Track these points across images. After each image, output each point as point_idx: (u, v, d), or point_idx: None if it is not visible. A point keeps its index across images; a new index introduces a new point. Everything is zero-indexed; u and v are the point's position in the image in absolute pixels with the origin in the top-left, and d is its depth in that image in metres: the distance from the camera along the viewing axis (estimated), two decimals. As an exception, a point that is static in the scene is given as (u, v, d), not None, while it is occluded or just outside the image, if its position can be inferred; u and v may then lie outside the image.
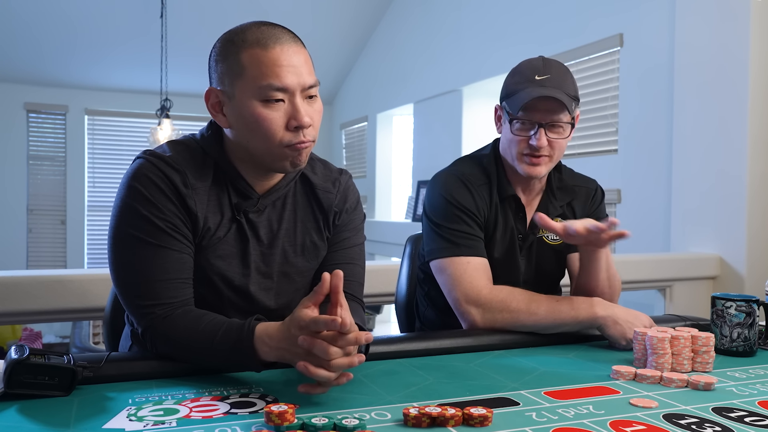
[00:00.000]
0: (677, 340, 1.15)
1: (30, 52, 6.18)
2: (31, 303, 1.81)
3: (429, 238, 1.50)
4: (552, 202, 1.55)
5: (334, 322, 0.87)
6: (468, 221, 1.46)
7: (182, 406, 0.91)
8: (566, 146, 1.49)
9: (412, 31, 5.91)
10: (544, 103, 1.40)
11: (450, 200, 1.47)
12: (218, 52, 1.10)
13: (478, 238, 1.46)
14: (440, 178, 1.53)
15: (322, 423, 0.81)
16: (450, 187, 1.49)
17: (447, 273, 1.44)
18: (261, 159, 1.10)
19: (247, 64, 1.05)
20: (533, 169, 1.45)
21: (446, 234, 1.45)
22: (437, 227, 1.47)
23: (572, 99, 1.43)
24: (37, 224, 6.90)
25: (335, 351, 0.89)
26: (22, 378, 0.90)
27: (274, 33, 1.07)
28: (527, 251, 1.54)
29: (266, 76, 1.04)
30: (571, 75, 1.48)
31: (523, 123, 1.43)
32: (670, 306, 2.85)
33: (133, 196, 1.07)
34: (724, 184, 2.84)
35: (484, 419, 0.85)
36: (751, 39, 2.72)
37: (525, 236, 1.53)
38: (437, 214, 1.48)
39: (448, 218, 1.46)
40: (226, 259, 1.14)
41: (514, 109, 1.43)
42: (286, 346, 0.93)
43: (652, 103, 3.34)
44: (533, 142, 1.42)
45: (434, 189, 1.52)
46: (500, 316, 1.38)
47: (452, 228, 1.45)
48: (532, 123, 1.42)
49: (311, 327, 0.89)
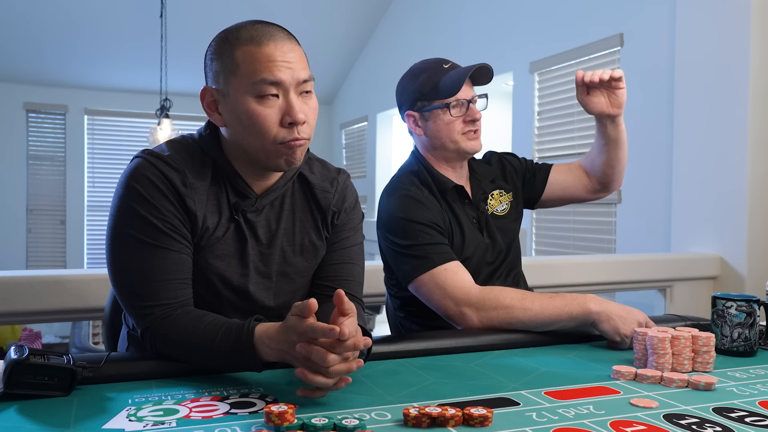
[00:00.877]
0: (678, 340, 1.15)
1: (30, 51, 6.18)
2: (31, 303, 1.81)
3: (399, 264, 1.51)
4: (482, 180, 1.67)
5: (332, 331, 0.86)
6: (430, 232, 1.48)
7: (182, 406, 0.91)
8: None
9: (412, 32, 5.91)
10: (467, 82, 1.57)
11: (407, 219, 1.49)
12: (213, 50, 1.10)
13: (444, 244, 1.49)
14: (390, 204, 1.54)
15: (322, 423, 0.81)
16: (403, 208, 1.51)
17: (429, 287, 1.45)
18: (256, 157, 1.10)
19: (241, 60, 1.05)
20: (477, 143, 1.58)
21: (415, 251, 1.47)
22: (404, 249, 1.48)
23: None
24: (37, 224, 6.90)
25: (333, 358, 0.88)
26: (21, 378, 0.90)
27: (268, 30, 1.07)
28: (487, 230, 1.62)
29: (260, 72, 1.04)
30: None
31: (459, 105, 1.55)
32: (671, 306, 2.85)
33: (132, 195, 1.07)
34: (725, 183, 2.83)
35: (485, 419, 0.84)
36: (752, 39, 2.71)
37: (478, 218, 1.61)
38: (400, 236, 1.49)
39: (412, 235, 1.48)
40: (224, 259, 1.14)
41: (446, 95, 1.54)
42: (286, 348, 0.93)
43: (652, 102, 3.34)
44: (473, 116, 1.56)
45: (389, 216, 1.53)
46: (495, 314, 1.38)
47: (418, 243, 1.47)
48: (461, 102, 1.55)
49: (308, 334, 0.89)
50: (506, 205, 1.67)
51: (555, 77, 4.08)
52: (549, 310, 1.36)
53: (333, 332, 0.86)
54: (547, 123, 4.14)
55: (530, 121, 4.27)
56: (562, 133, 4.00)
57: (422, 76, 1.59)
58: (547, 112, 4.13)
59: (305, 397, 0.92)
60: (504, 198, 1.68)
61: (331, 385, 0.91)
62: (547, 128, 4.14)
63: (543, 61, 4.14)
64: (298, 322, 0.90)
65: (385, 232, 1.54)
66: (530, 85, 4.29)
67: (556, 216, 4.01)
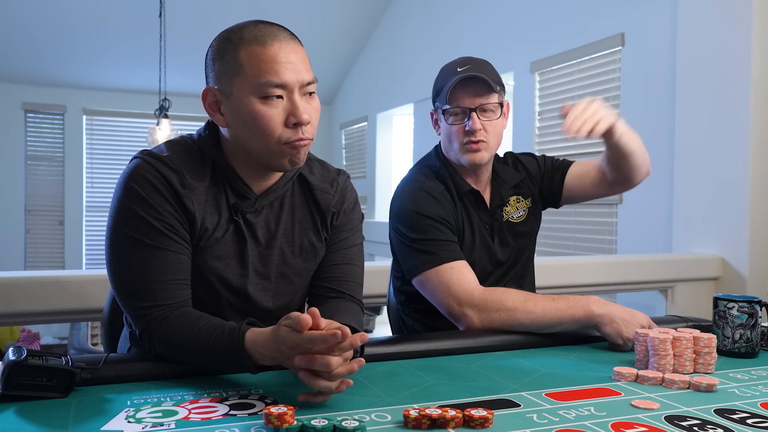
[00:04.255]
0: (679, 342, 1.15)
1: (28, 51, 6.18)
2: (29, 304, 1.80)
3: (406, 257, 1.50)
4: (502, 186, 1.61)
5: (334, 336, 0.86)
6: (441, 228, 1.47)
7: (181, 407, 0.90)
8: (502, 132, 1.56)
9: (412, 31, 5.91)
10: (468, 89, 1.48)
11: (420, 212, 1.48)
12: (215, 50, 1.09)
13: (453, 242, 1.48)
14: (403, 196, 1.54)
15: (322, 425, 0.80)
16: (417, 201, 1.50)
17: (433, 283, 1.44)
18: (259, 157, 1.10)
19: (246, 61, 1.05)
20: (475, 155, 1.50)
21: (423, 246, 1.46)
22: (412, 242, 1.48)
23: (495, 82, 1.50)
24: (35, 225, 6.89)
25: (336, 361, 0.89)
26: (20, 379, 0.89)
27: (271, 31, 1.07)
28: (499, 236, 1.59)
29: (265, 73, 1.04)
30: (492, 66, 1.56)
31: (455, 113, 1.50)
32: (672, 307, 2.84)
33: (130, 196, 1.06)
34: (726, 184, 2.83)
35: (485, 421, 0.84)
36: (754, 38, 2.71)
37: (492, 225, 1.58)
38: (410, 229, 1.48)
39: (422, 230, 1.47)
40: (223, 260, 1.14)
41: (443, 101, 1.50)
42: (279, 357, 0.93)
43: (653, 102, 3.34)
44: (468, 128, 1.48)
45: (401, 207, 1.52)
46: (497, 316, 1.38)
47: (428, 238, 1.46)
48: (463, 110, 1.49)
49: (306, 346, 0.88)
50: (523, 211, 1.63)
51: (556, 77, 4.08)
52: (551, 312, 1.35)
53: (335, 337, 0.86)
54: (547, 123, 4.14)
55: (531, 121, 4.27)
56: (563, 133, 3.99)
57: (439, 75, 1.56)
58: (548, 112, 4.13)
59: (307, 402, 0.91)
60: (521, 204, 1.63)
61: (334, 389, 0.90)
62: (547, 128, 4.14)
63: (544, 60, 4.14)
64: (290, 335, 0.90)
65: (395, 222, 1.53)
66: (531, 84, 4.28)
67: (557, 217, 4.00)
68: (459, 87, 1.48)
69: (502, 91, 1.54)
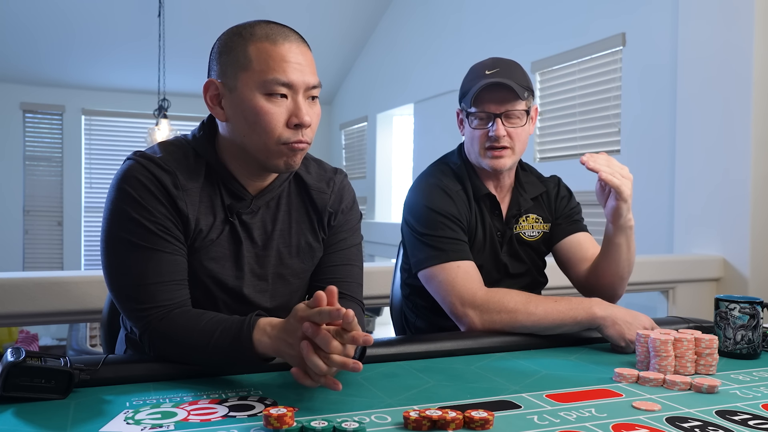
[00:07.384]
0: (680, 343, 1.14)
1: (27, 51, 6.17)
2: (28, 305, 1.80)
3: (415, 250, 1.50)
4: (522, 195, 1.59)
5: (338, 311, 0.87)
6: (452, 227, 1.47)
7: (180, 409, 0.90)
8: (527, 138, 1.53)
9: (412, 31, 5.91)
10: (495, 94, 1.45)
11: (433, 208, 1.48)
12: (223, 43, 1.09)
13: (463, 242, 1.48)
14: (419, 190, 1.54)
15: (322, 426, 0.80)
16: (431, 197, 1.50)
17: (438, 279, 1.44)
18: (256, 156, 1.09)
19: (255, 56, 1.05)
20: (497, 161, 1.48)
21: (432, 242, 1.46)
22: (422, 236, 1.47)
23: (523, 88, 1.47)
24: (34, 225, 6.89)
25: (336, 345, 0.89)
26: (18, 381, 0.89)
27: (282, 31, 1.08)
28: (508, 247, 1.57)
29: (273, 70, 1.05)
30: (522, 69, 1.53)
31: (480, 117, 1.48)
32: (673, 308, 2.84)
33: (123, 198, 1.06)
34: (728, 184, 2.83)
35: (485, 422, 0.84)
36: (755, 38, 2.71)
37: (503, 233, 1.57)
38: (421, 224, 1.48)
39: (433, 226, 1.46)
40: (219, 261, 1.13)
41: (469, 103, 1.48)
42: (284, 337, 0.94)
43: (654, 102, 3.34)
44: (492, 133, 1.46)
45: (415, 201, 1.52)
46: (498, 317, 1.37)
47: (438, 235, 1.46)
48: (488, 115, 1.47)
49: (314, 318, 0.89)
50: (537, 233, 1.60)
51: (557, 77, 4.08)
52: (553, 314, 1.35)
53: (339, 312, 0.87)
54: (548, 123, 4.14)
55: (530, 121, 4.26)
56: (564, 133, 3.99)
57: (467, 76, 1.53)
58: (549, 112, 4.13)
59: (297, 378, 0.91)
60: (539, 225, 1.60)
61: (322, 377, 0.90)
62: (548, 128, 4.14)
63: (544, 60, 4.13)
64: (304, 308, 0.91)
65: (407, 215, 1.53)
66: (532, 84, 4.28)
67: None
68: (486, 91, 1.46)
69: (531, 97, 1.50)
